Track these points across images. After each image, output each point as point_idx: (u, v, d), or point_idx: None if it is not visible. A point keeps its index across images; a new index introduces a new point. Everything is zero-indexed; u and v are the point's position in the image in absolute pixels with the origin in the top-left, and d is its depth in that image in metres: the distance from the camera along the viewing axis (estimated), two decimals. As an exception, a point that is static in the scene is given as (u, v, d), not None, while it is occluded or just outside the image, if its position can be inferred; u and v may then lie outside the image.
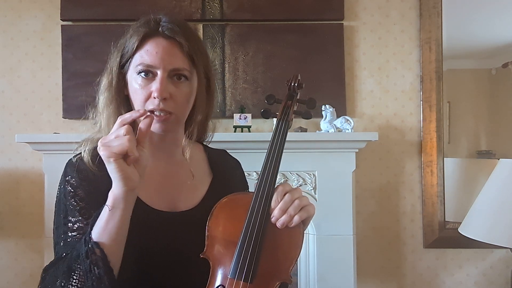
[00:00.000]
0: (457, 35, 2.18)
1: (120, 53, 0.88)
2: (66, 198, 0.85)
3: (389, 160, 2.18)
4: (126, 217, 0.75)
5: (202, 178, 0.98)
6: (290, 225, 0.79)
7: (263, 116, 0.92)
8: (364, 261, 2.13)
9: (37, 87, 2.16)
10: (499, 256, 2.16)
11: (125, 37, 0.89)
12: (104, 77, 0.91)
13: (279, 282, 0.80)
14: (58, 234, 0.84)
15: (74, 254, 0.75)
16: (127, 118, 0.72)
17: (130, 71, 0.87)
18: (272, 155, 0.84)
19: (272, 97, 0.92)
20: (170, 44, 0.85)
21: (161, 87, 0.82)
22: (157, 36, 0.86)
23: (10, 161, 2.15)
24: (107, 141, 0.71)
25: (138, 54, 0.85)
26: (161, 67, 0.83)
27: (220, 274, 0.80)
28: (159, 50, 0.84)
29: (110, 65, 0.90)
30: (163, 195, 0.90)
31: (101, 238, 0.73)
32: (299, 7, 2.13)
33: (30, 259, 2.12)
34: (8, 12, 2.16)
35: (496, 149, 2.17)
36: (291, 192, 0.81)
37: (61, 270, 0.75)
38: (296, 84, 0.91)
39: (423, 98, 2.15)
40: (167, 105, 0.83)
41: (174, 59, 0.84)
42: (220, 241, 0.82)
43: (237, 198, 0.85)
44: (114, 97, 0.87)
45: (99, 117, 0.90)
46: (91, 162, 0.86)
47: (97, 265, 0.72)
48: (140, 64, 0.84)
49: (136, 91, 0.85)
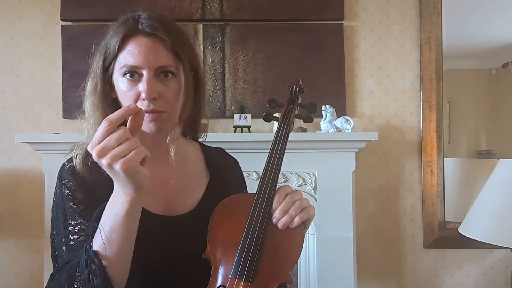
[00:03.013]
0: (457, 35, 2.18)
1: (103, 56, 0.86)
2: (65, 202, 0.84)
3: (389, 160, 2.18)
4: (136, 223, 0.74)
5: (199, 179, 0.96)
6: (291, 226, 0.80)
7: (265, 120, 0.94)
8: (364, 261, 2.13)
9: (37, 87, 2.16)
10: (499, 256, 2.16)
11: (105, 38, 0.87)
12: (89, 81, 0.88)
13: (280, 282, 0.80)
14: (59, 238, 0.83)
15: (75, 261, 0.74)
16: (117, 118, 0.66)
17: (115, 74, 0.84)
18: (274, 157, 0.86)
19: (274, 101, 0.94)
20: (152, 42, 0.82)
21: (148, 87, 0.79)
22: (138, 34, 0.82)
23: (10, 161, 2.15)
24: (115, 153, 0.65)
25: (121, 56, 0.82)
26: (146, 67, 0.80)
27: (221, 274, 0.81)
28: (141, 49, 0.81)
29: (94, 68, 0.87)
30: (159, 198, 0.89)
31: (106, 248, 0.71)
32: (299, 7, 2.14)
33: (30, 259, 2.12)
34: (8, 12, 2.16)
35: (496, 149, 2.18)
36: (292, 194, 0.82)
37: (64, 276, 0.75)
38: (297, 88, 0.93)
39: (423, 98, 2.15)
40: (157, 105, 0.81)
41: (158, 56, 0.81)
42: (222, 241, 0.82)
43: (239, 199, 0.86)
44: (100, 101, 0.84)
45: (86, 123, 0.87)
46: (84, 169, 0.84)
47: (95, 276, 0.71)
48: (124, 66, 0.81)
49: (124, 94, 0.82)
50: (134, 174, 0.66)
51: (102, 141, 0.65)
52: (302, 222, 0.81)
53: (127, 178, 0.66)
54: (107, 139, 0.65)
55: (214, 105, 2.13)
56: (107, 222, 0.72)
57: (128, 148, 0.65)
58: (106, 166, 0.65)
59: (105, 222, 0.72)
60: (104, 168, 0.67)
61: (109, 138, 0.65)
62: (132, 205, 0.70)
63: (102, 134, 0.65)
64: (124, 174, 0.65)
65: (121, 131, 0.65)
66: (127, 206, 0.70)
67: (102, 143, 0.65)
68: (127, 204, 0.70)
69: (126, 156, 0.65)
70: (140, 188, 0.69)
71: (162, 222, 0.87)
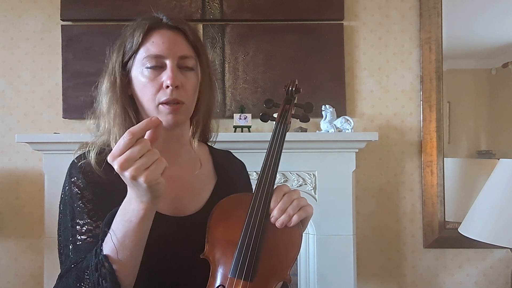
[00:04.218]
0: (457, 35, 2.18)
1: (122, 52, 0.87)
2: (73, 200, 0.84)
3: (389, 160, 2.18)
4: (149, 228, 0.75)
5: (206, 180, 0.97)
6: (289, 224, 0.80)
7: (262, 120, 0.95)
8: (364, 261, 2.13)
9: (37, 87, 2.16)
10: (499, 256, 2.16)
11: (124, 36, 0.89)
12: (105, 79, 0.89)
13: (279, 281, 0.81)
14: (66, 236, 0.84)
15: (84, 264, 0.75)
16: (140, 130, 0.66)
17: (135, 67, 0.86)
18: (271, 157, 0.86)
19: (271, 101, 0.94)
20: (174, 34, 0.86)
21: (172, 75, 0.82)
22: (161, 27, 0.86)
23: (10, 161, 2.15)
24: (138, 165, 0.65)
25: (143, 48, 0.85)
26: (170, 56, 0.83)
27: (220, 274, 0.81)
28: (165, 40, 0.84)
29: (111, 66, 0.89)
30: (167, 198, 0.89)
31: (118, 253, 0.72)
32: (299, 7, 2.14)
33: (30, 259, 2.12)
34: (8, 12, 2.16)
35: (496, 149, 2.17)
36: (290, 193, 0.82)
37: (72, 278, 0.75)
38: (293, 88, 0.93)
39: (423, 98, 2.15)
40: (179, 94, 0.83)
41: (181, 47, 0.85)
42: (220, 241, 0.82)
43: (237, 198, 0.86)
44: (119, 97, 0.86)
45: (103, 119, 0.88)
46: (98, 166, 0.85)
47: (105, 279, 0.72)
48: (148, 56, 0.84)
49: (145, 85, 0.84)
50: (155, 186, 0.67)
51: (124, 152, 0.65)
52: (300, 221, 0.81)
53: (148, 189, 0.67)
54: (130, 151, 0.65)
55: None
56: (120, 227, 0.72)
57: (150, 160, 0.66)
58: (129, 178, 0.66)
59: (118, 227, 0.73)
60: (126, 179, 0.67)
61: (132, 150, 0.65)
62: (148, 212, 0.71)
63: (125, 145, 0.65)
64: (146, 185, 0.66)
65: (144, 143, 0.66)
66: (142, 213, 0.71)
67: (125, 155, 0.65)
68: (143, 211, 0.71)
69: (149, 168, 0.66)
70: (157, 197, 0.70)
71: (169, 222, 0.87)
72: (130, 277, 0.76)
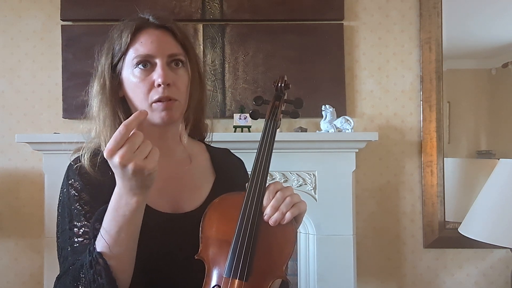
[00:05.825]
0: (457, 35, 2.18)
1: (110, 54, 0.87)
2: (71, 202, 0.85)
3: (389, 160, 2.18)
4: (141, 217, 0.76)
5: (205, 177, 0.97)
6: (282, 222, 0.79)
7: (252, 117, 0.94)
8: (364, 261, 2.13)
9: (37, 87, 2.16)
10: (499, 256, 2.16)
11: (111, 38, 0.89)
12: (95, 82, 0.89)
13: (274, 279, 0.80)
14: (64, 238, 0.84)
15: (79, 263, 0.75)
16: (132, 123, 0.67)
17: (126, 68, 0.86)
18: (262, 154, 0.86)
19: (260, 98, 0.94)
20: (162, 33, 0.86)
21: (163, 73, 0.82)
22: (148, 27, 0.87)
23: (10, 161, 2.15)
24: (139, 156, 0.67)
25: (132, 49, 0.85)
26: (159, 55, 0.84)
27: (215, 274, 0.80)
28: (153, 39, 0.85)
29: (101, 68, 0.89)
30: (165, 196, 0.89)
31: (112, 249, 0.73)
32: (299, 7, 2.14)
33: (30, 259, 2.12)
34: (8, 12, 2.16)
35: (496, 149, 2.17)
36: (283, 190, 0.82)
37: (69, 279, 0.76)
38: (283, 84, 0.93)
39: (423, 98, 2.15)
40: (171, 92, 0.83)
41: (169, 45, 0.86)
42: (214, 241, 0.82)
43: (229, 198, 0.85)
44: (109, 99, 0.86)
45: (94, 122, 0.88)
46: (92, 169, 0.85)
47: (100, 275, 0.72)
48: (137, 57, 0.84)
49: (137, 85, 0.84)
50: (154, 174, 0.69)
51: (121, 144, 0.66)
52: (294, 218, 0.81)
53: (146, 179, 0.69)
54: (128, 143, 0.66)
55: (214, 105, 2.13)
56: (114, 223, 0.73)
57: (147, 150, 0.68)
58: (132, 170, 0.66)
59: (112, 224, 0.73)
60: (127, 172, 0.67)
61: (131, 142, 0.66)
62: (140, 204, 0.73)
63: (122, 138, 0.66)
64: (146, 175, 0.68)
65: (139, 134, 0.68)
66: (135, 205, 0.72)
67: (125, 147, 0.66)
68: (136, 204, 0.72)
69: (147, 157, 0.68)
70: (149, 187, 0.72)
71: (168, 220, 0.87)
72: (126, 273, 0.76)
